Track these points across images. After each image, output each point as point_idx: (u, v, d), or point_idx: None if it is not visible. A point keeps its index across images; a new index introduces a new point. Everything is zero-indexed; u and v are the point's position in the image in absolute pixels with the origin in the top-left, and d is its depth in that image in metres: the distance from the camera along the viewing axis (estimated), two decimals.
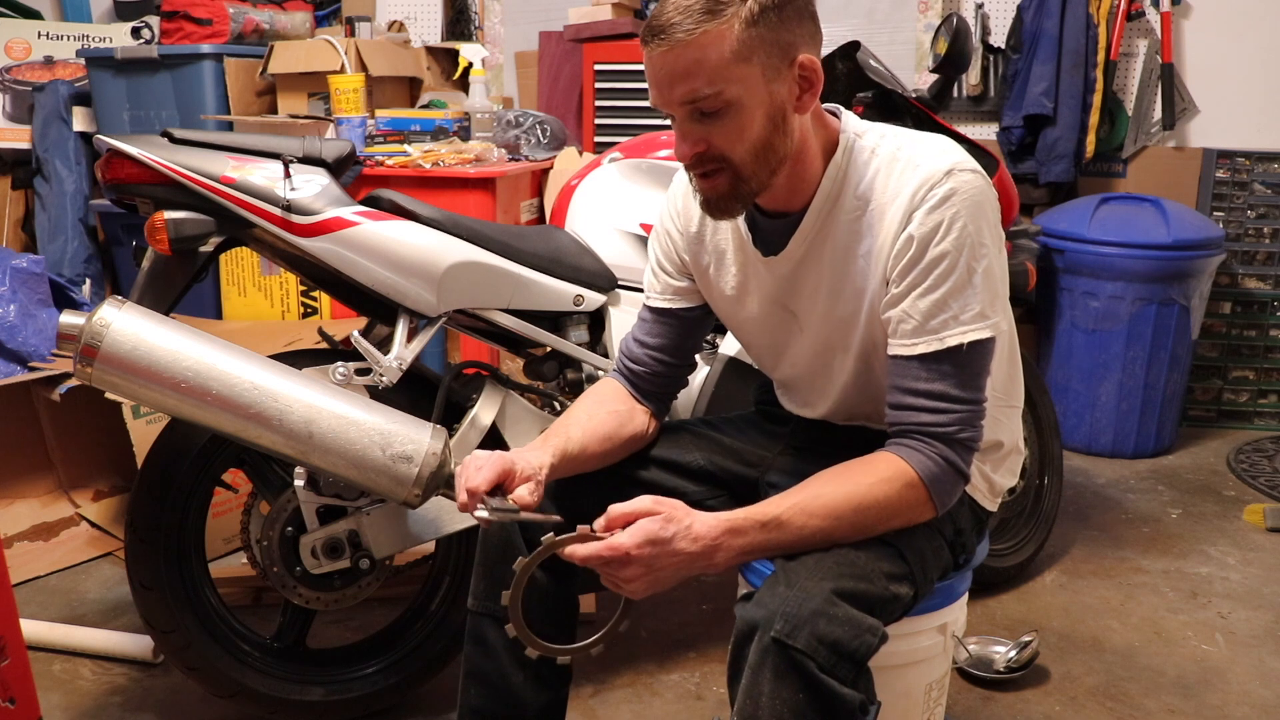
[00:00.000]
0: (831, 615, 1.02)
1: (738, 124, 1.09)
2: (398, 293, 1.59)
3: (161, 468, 1.60)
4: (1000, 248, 1.15)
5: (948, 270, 1.10)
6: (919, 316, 1.11)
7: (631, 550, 1.06)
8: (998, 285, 1.14)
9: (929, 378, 1.12)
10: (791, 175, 1.15)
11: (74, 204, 3.28)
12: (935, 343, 1.11)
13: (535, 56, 3.72)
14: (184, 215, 1.50)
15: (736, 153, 1.10)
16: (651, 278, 1.38)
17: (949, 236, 1.09)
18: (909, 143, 1.15)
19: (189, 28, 3.05)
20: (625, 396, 1.38)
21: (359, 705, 1.72)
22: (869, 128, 1.18)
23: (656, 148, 1.85)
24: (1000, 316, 1.14)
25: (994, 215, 1.13)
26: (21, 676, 1.48)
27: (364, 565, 1.60)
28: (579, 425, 1.31)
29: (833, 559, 1.09)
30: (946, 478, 1.13)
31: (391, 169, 2.60)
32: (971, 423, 1.14)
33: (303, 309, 2.88)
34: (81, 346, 1.32)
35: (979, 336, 1.11)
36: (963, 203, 1.09)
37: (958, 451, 1.13)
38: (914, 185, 1.10)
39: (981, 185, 1.11)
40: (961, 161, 1.11)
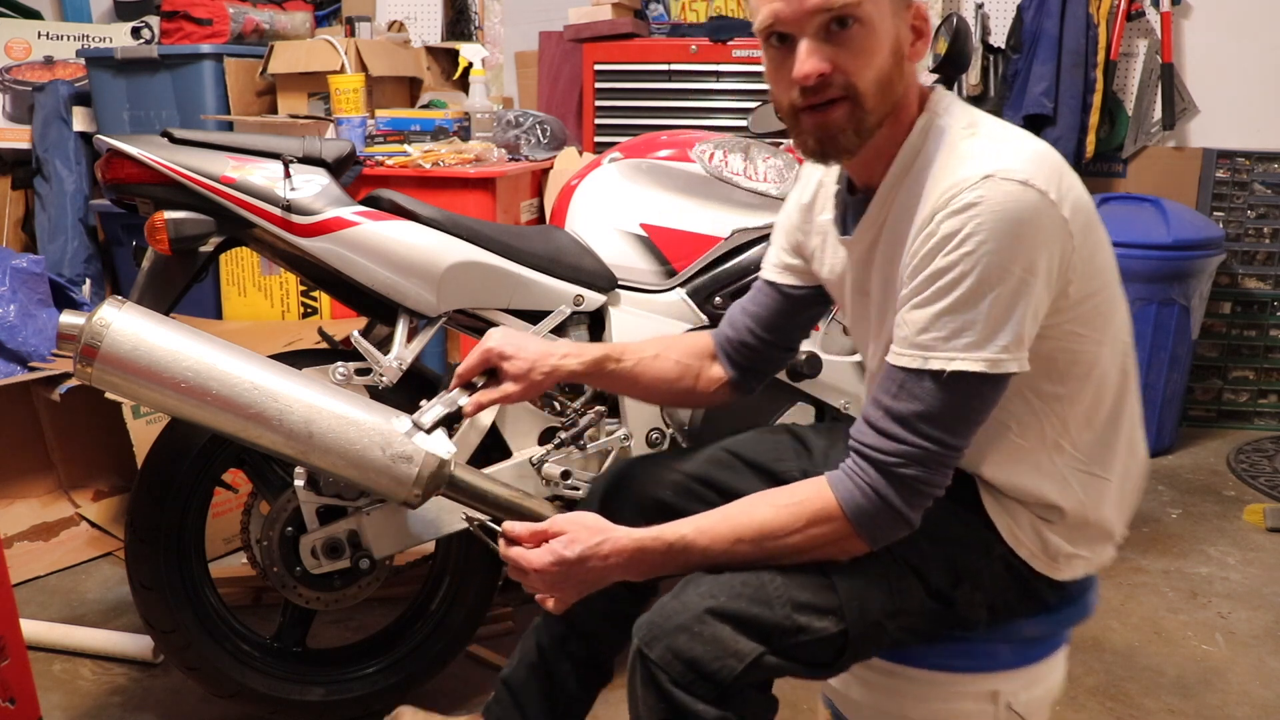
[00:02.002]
0: (695, 632, 1.01)
1: (867, 46, 1.01)
2: (398, 293, 1.59)
3: (161, 468, 1.60)
4: (1046, 283, 0.99)
5: (949, 285, 0.98)
6: (909, 327, 1.01)
7: (536, 567, 1.08)
8: (1015, 322, 0.98)
9: (898, 395, 1.02)
10: (885, 137, 1.07)
11: (74, 204, 3.28)
12: (918, 359, 1.00)
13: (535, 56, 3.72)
14: (184, 215, 1.50)
15: (863, 78, 1.01)
16: (771, 248, 1.34)
17: (960, 249, 0.97)
18: (983, 136, 1.04)
19: (189, 28, 3.05)
20: (706, 354, 1.37)
21: (359, 705, 1.72)
22: (959, 110, 1.08)
23: (656, 148, 1.85)
24: (1009, 358, 0.99)
25: (1038, 240, 0.97)
26: (21, 676, 1.48)
27: (364, 565, 1.60)
28: (637, 355, 1.33)
29: (740, 578, 1.05)
30: (877, 514, 1.02)
31: (391, 169, 2.60)
32: (926, 462, 1.01)
33: (303, 309, 2.88)
34: (81, 346, 1.31)
35: (966, 368, 0.98)
36: (988, 215, 0.96)
37: (896, 488, 1.01)
38: (946, 184, 1.00)
39: (1024, 202, 0.96)
40: (1010, 170, 0.97)
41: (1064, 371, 1.07)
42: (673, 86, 3.34)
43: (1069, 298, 1.03)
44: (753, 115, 2.26)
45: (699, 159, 1.80)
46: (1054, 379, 1.08)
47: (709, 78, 3.33)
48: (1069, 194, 1.00)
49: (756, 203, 1.82)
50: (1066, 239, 1.00)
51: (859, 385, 1.84)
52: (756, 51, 3.31)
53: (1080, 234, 1.01)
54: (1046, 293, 1.01)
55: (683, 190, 1.81)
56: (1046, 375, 1.07)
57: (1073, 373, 1.08)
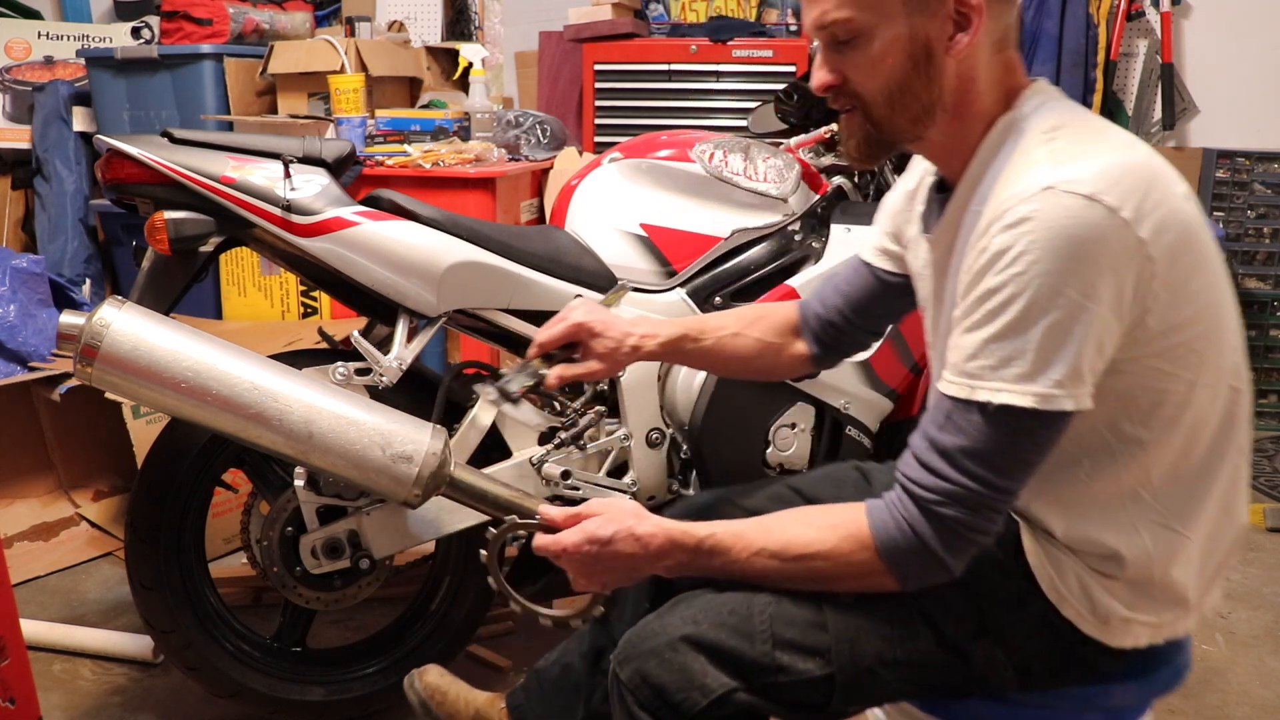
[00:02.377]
0: (665, 659, 0.98)
1: (868, 57, 0.96)
2: (398, 293, 1.59)
3: (161, 468, 1.60)
4: (1115, 311, 0.89)
5: (998, 308, 0.89)
6: (959, 352, 0.93)
7: (568, 546, 1.04)
8: (1071, 353, 0.88)
9: (944, 427, 0.93)
10: (951, 135, 1.00)
11: (74, 204, 3.28)
12: (965, 388, 0.92)
13: (535, 56, 3.72)
14: (184, 215, 1.50)
15: (867, 90, 0.98)
16: (873, 228, 1.28)
17: (1010, 268, 0.88)
18: (1062, 140, 0.93)
19: (189, 28, 3.05)
20: (789, 330, 1.34)
21: (359, 705, 1.72)
22: (1051, 109, 0.97)
23: (656, 148, 1.85)
24: (1064, 394, 0.89)
25: (1100, 262, 0.87)
26: (21, 676, 1.48)
27: (364, 565, 1.60)
28: (716, 332, 1.31)
29: (729, 605, 1.01)
30: (911, 551, 0.95)
31: (391, 169, 2.60)
32: (968, 503, 0.92)
33: (303, 309, 2.88)
34: (81, 346, 1.31)
35: (1014, 402, 0.89)
36: (1042, 232, 0.87)
37: (934, 527, 0.94)
38: (1007, 194, 0.91)
39: (1085, 219, 0.86)
40: (1075, 182, 0.87)
41: (1147, 413, 0.96)
42: (673, 86, 3.34)
43: (1147, 329, 0.92)
44: (753, 115, 2.26)
45: (699, 159, 1.80)
46: (1135, 420, 0.96)
47: (709, 78, 3.33)
48: (1154, 212, 0.89)
49: (756, 203, 1.82)
50: (1143, 262, 0.89)
51: (859, 385, 1.84)
52: (756, 51, 3.32)
53: (1166, 257, 0.89)
54: (1116, 322, 0.90)
55: (683, 190, 1.81)
56: (1126, 415, 0.96)
57: (1158, 415, 0.96)
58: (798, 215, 1.84)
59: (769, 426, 1.79)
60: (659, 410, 1.77)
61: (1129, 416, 0.96)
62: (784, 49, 3.31)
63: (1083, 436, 0.96)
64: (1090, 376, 0.91)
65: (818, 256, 1.83)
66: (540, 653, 1.43)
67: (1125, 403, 0.95)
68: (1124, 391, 0.95)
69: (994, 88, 0.99)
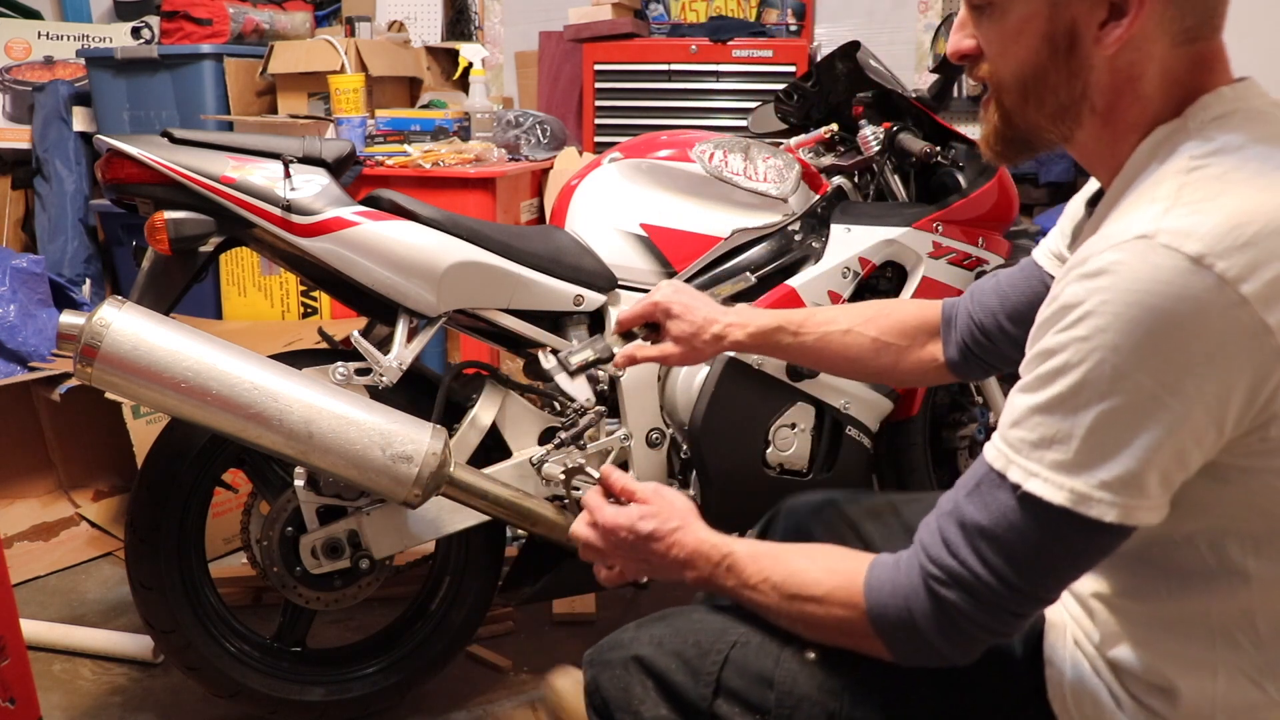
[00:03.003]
0: (615, 675, 0.94)
1: (1002, 31, 0.81)
2: (398, 293, 1.59)
3: (161, 468, 1.60)
4: (1211, 414, 0.70)
5: (1051, 374, 0.73)
6: (1006, 414, 0.77)
7: (606, 522, 0.99)
8: (1133, 456, 0.71)
9: (971, 495, 0.78)
10: (1101, 142, 0.82)
11: (74, 204, 3.28)
12: (1001, 458, 0.77)
13: (535, 56, 3.72)
14: (184, 215, 1.50)
15: (999, 72, 0.83)
16: (1053, 230, 1.12)
17: (1073, 329, 0.71)
18: (1203, 172, 0.74)
19: (189, 28, 3.05)
20: (922, 331, 1.17)
21: (359, 705, 1.72)
22: (1233, 123, 0.76)
23: (656, 148, 1.85)
24: (1111, 501, 0.71)
25: (1194, 347, 0.68)
26: (21, 676, 1.48)
27: (364, 565, 1.60)
28: (821, 328, 1.19)
29: (695, 634, 0.94)
30: (899, 625, 0.81)
31: (391, 169, 2.61)
32: (975, 593, 0.77)
33: (303, 309, 2.88)
34: (81, 346, 1.31)
35: (1043, 494, 0.73)
36: (1120, 295, 0.69)
37: (932, 607, 0.79)
38: (1106, 232, 0.73)
39: (1180, 286, 0.68)
40: (1180, 233, 0.69)
41: (1263, 540, 0.76)
42: (673, 86, 3.34)
43: (1270, 440, 0.72)
44: (753, 115, 2.27)
45: (699, 159, 1.80)
46: (1246, 545, 0.77)
47: (709, 78, 3.33)
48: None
49: (756, 203, 1.82)
50: (1269, 357, 0.69)
51: (860, 385, 1.84)
52: (756, 51, 3.32)
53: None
54: (1212, 428, 0.71)
55: (683, 190, 1.81)
56: (1236, 536, 0.77)
57: (1277, 545, 0.77)
58: (798, 215, 1.84)
59: (769, 426, 1.79)
60: (659, 410, 1.77)
61: (1238, 538, 0.77)
62: (784, 49, 3.31)
63: (1175, 547, 0.79)
64: (1161, 489, 0.72)
65: (818, 256, 1.83)
66: (540, 653, 1.42)
67: (1234, 520, 0.76)
68: (1233, 505, 0.76)
69: (1169, 89, 0.79)
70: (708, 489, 1.76)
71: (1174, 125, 0.78)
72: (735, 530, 1.79)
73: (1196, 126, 0.76)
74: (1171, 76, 0.78)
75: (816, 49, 3.46)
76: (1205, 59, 0.79)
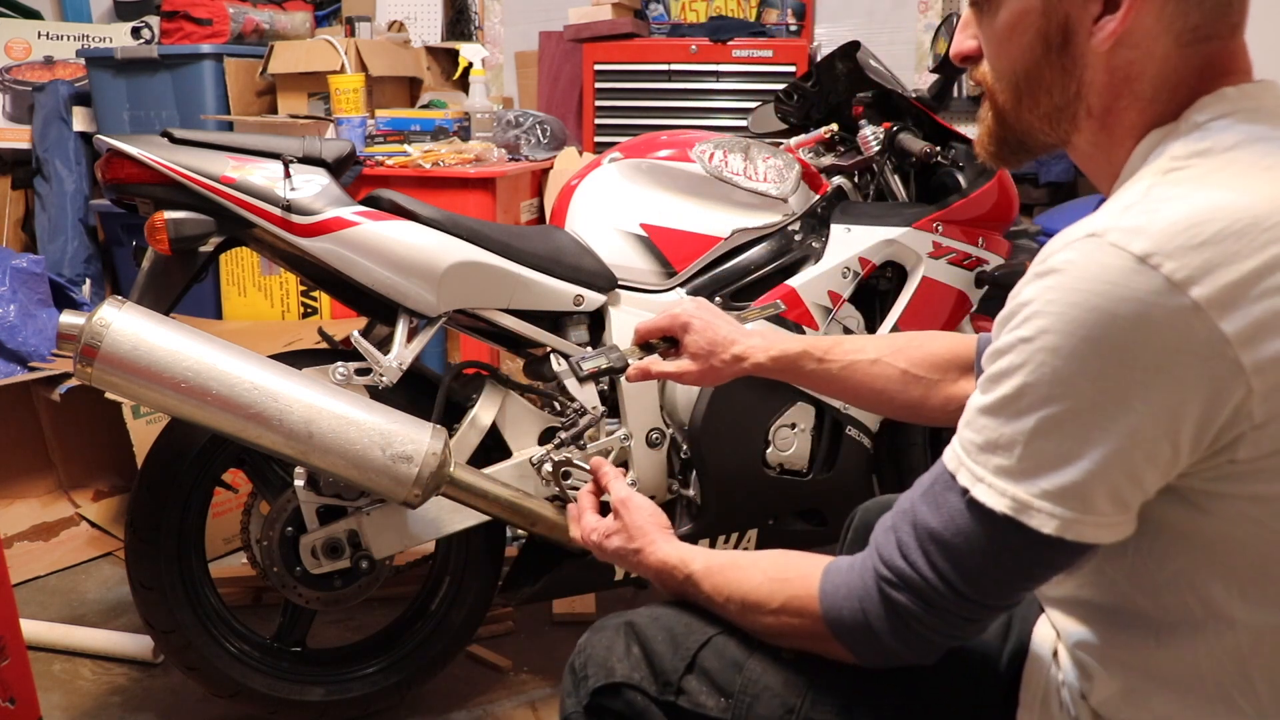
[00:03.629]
0: (604, 634, 0.93)
1: (996, 27, 0.78)
2: (398, 293, 1.59)
3: (161, 468, 1.60)
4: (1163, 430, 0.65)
5: (998, 375, 0.69)
6: (963, 416, 0.74)
7: (584, 530, 1.05)
8: (1081, 468, 0.66)
9: (925, 495, 0.76)
10: (1098, 147, 0.78)
11: (74, 204, 3.28)
12: (954, 459, 0.74)
13: (535, 56, 3.72)
14: (184, 215, 1.50)
15: (994, 68, 0.80)
16: None
17: (1019, 329, 0.68)
18: (1193, 170, 0.68)
19: (189, 28, 3.05)
20: (953, 366, 1.11)
21: (359, 705, 1.72)
22: (1231, 126, 0.70)
23: (656, 148, 1.85)
24: (1055, 513, 0.67)
25: (1140, 356, 0.63)
26: (21, 676, 1.48)
27: (364, 565, 1.60)
28: (848, 356, 1.14)
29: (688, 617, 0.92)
30: (856, 628, 0.79)
31: (391, 169, 2.61)
32: (926, 598, 0.74)
33: (303, 309, 2.88)
34: (81, 346, 1.31)
35: (987, 500, 0.70)
36: (1064, 295, 0.65)
37: (884, 610, 0.76)
38: (1059, 235, 0.70)
39: (1128, 288, 0.63)
40: (1130, 232, 0.64)
41: (1249, 583, 0.70)
42: (673, 86, 3.34)
43: (1238, 463, 0.66)
44: (753, 115, 2.27)
45: (699, 159, 1.80)
46: (1232, 589, 0.70)
47: (709, 78, 3.34)
48: (1258, 295, 0.62)
49: (756, 203, 1.82)
50: (1227, 370, 0.62)
51: None
52: (756, 51, 3.32)
53: (1271, 361, 0.63)
54: (1165, 444, 0.65)
55: (683, 190, 1.81)
56: (1221, 579, 0.70)
57: (1264, 590, 0.69)
58: (798, 215, 1.84)
59: (769, 426, 1.79)
60: (659, 410, 1.77)
61: (1223, 580, 0.70)
62: (784, 49, 3.31)
63: (1159, 591, 0.73)
64: (1112, 506, 0.67)
65: (818, 256, 1.83)
66: (540, 653, 1.42)
67: (1216, 556, 0.70)
68: (1213, 538, 0.70)
69: (1173, 92, 0.73)
70: (708, 489, 1.76)
71: (1168, 128, 0.73)
72: (735, 530, 1.81)
73: (1188, 127, 0.71)
74: (1176, 78, 0.73)
75: (816, 49, 3.46)
76: (1217, 61, 0.73)
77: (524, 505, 1.55)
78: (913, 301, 1.85)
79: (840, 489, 1.83)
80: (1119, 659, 0.77)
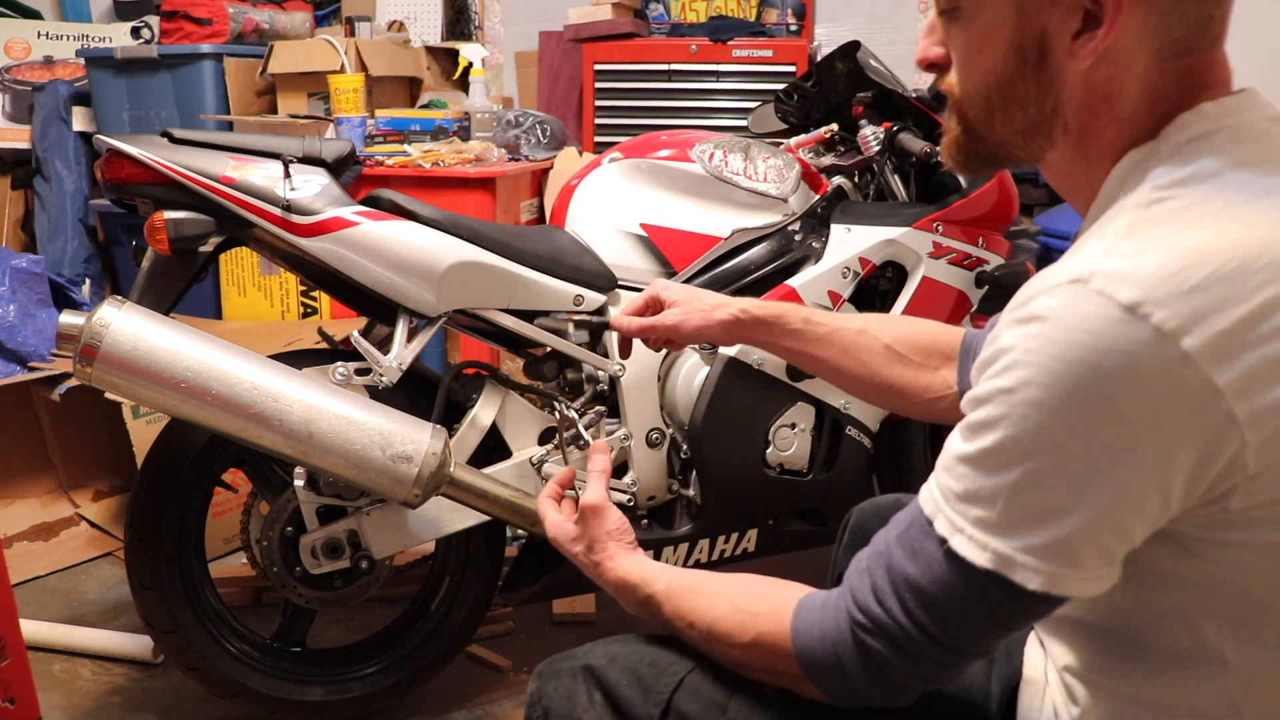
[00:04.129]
0: (563, 684, 0.88)
1: (966, 38, 0.75)
2: (398, 293, 1.59)
3: (161, 468, 1.60)
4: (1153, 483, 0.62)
5: (978, 425, 0.67)
6: (942, 457, 0.71)
7: (549, 528, 1.05)
8: (1065, 524, 0.64)
9: (901, 538, 0.73)
10: (1075, 165, 0.75)
11: (74, 204, 3.28)
12: (931, 504, 0.71)
13: (535, 56, 3.72)
14: (184, 215, 1.50)
15: (963, 81, 0.77)
16: None
17: (1000, 378, 0.65)
18: (1174, 203, 0.65)
19: (189, 28, 3.05)
20: (939, 355, 1.09)
21: (359, 705, 1.72)
22: (1213, 146, 0.67)
23: (656, 148, 1.85)
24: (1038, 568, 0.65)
25: (1128, 408, 0.61)
26: (21, 676, 1.48)
27: (364, 565, 1.60)
28: (832, 323, 1.13)
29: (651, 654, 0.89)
30: (830, 670, 0.76)
31: (391, 169, 2.61)
32: (901, 645, 0.71)
33: (303, 309, 2.88)
34: (81, 346, 1.31)
35: (966, 554, 0.67)
36: (1047, 346, 0.62)
37: (858, 654, 0.74)
38: (1038, 277, 0.67)
39: (1115, 340, 0.60)
40: (1118, 279, 0.61)
41: (1240, 624, 0.68)
42: (673, 86, 3.34)
43: (1230, 513, 0.64)
44: (753, 115, 2.26)
45: (699, 159, 1.80)
46: (1224, 629, 0.68)
47: (709, 78, 3.33)
48: (1260, 346, 0.60)
49: (756, 203, 1.82)
50: (1219, 421, 0.60)
51: None
52: (756, 51, 3.32)
53: (1266, 411, 0.60)
54: (1155, 497, 0.63)
55: (683, 190, 1.81)
56: (1213, 619, 0.68)
57: (1255, 633, 0.67)
58: (798, 215, 1.84)
59: (769, 426, 1.79)
60: (659, 410, 1.77)
61: (1215, 620, 0.68)
62: (784, 49, 3.31)
63: (1149, 625, 0.71)
64: (1099, 559, 0.65)
65: (818, 256, 1.83)
66: (541, 653, 1.42)
67: (1208, 597, 0.68)
68: (1205, 580, 0.67)
69: (1151, 108, 0.70)
70: (708, 489, 1.76)
71: (1147, 149, 0.70)
72: (735, 530, 1.81)
73: (1169, 150, 0.68)
74: (1155, 94, 0.70)
75: (816, 49, 3.46)
76: (1197, 74, 0.70)
77: (524, 505, 1.55)
78: (913, 301, 1.85)
79: (840, 489, 1.83)
80: (1110, 687, 0.75)
